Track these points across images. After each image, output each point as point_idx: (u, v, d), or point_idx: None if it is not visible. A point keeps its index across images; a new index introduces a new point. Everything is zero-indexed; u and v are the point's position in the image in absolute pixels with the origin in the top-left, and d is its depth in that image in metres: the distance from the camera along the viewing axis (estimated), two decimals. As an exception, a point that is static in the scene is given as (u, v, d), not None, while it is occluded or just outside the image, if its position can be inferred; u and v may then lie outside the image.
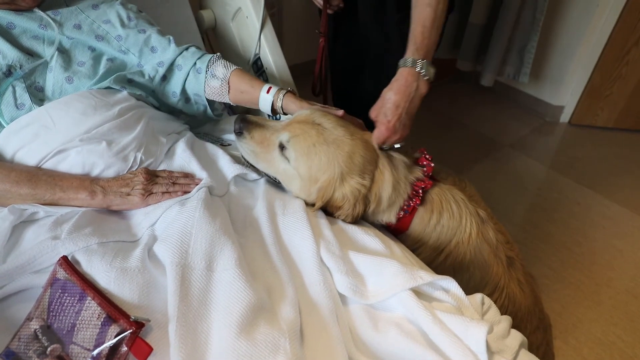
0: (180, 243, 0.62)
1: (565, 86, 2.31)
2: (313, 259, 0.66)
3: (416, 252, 0.82)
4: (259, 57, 1.22)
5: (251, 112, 1.13)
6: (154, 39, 0.95)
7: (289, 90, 0.91)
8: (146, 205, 0.74)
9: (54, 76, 0.82)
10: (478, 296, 0.66)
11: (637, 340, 1.34)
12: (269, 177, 0.86)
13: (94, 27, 0.91)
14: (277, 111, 0.92)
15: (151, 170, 0.79)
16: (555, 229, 1.74)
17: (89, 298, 0.54)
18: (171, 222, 0.68)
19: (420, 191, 0.80)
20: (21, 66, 0.80)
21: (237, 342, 0.50)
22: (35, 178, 0.71)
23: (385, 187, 0.78)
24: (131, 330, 0.50)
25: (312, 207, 0.79)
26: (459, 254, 0.81)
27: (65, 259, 0.59)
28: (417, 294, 0.62)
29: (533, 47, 2.20)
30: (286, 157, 0.79)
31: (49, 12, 0.87)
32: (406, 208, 0.81)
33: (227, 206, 0.76)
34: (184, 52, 0.95)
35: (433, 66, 0.81)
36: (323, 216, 0.78)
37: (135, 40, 0.93)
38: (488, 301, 0.67)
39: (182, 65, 0.95)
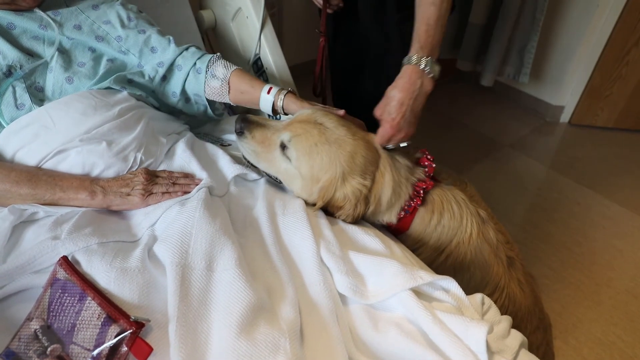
0: (180, 243, 0.62)
1: (565, 86, 2.31)
2: (313, 259, 0.66)
3: (417, 252, 0.82)
4: (259, 57, 1.22)
5: (251, 112, 1.13)
6: (154, 40, 0.95)
7: (289, 91, 0.91)
8: (146, 206, 0.74)
9: (54, 76, 0.82)
10: (478, 296, 0.66)
11: (637, 340, 1.34)
12: (269, 177, 0.86)
13: (94, 28, 0.91)
14: (278, 111, 0.92)
15: (151, 171, 0.79)
16: (555, 229, 1.74)
17: (89, 298, 0.54)
18: (171, 222, 0.68)
19: (421, 191, 0.80)
20: (21, 66, 0.80)
21: (237, 342, 0.50)
22: (35, 178, 0.71)
23: (386, 188, 0.78)
24: (131, 331, 0.50)
25: (313, 207, 0.79)
26: (459, 254, 0.81)
27: (65, 259, 0.59)
28: (417, 294, 0.62)
29: (533, 47, 2.20)
30: (287, 157, 0.79)
31: (49, 13, 0.87)
32: (407, 208, 0.81)
33: (227, 206, 0.76)
34: (183, 52, 0.95)
35: (438, 64, 0.80)
36: (323, 216, 0.78)
37: (135, 41, 0.93)
38: (488, 301, 0.67)
39: (182, 66, 0.95)
